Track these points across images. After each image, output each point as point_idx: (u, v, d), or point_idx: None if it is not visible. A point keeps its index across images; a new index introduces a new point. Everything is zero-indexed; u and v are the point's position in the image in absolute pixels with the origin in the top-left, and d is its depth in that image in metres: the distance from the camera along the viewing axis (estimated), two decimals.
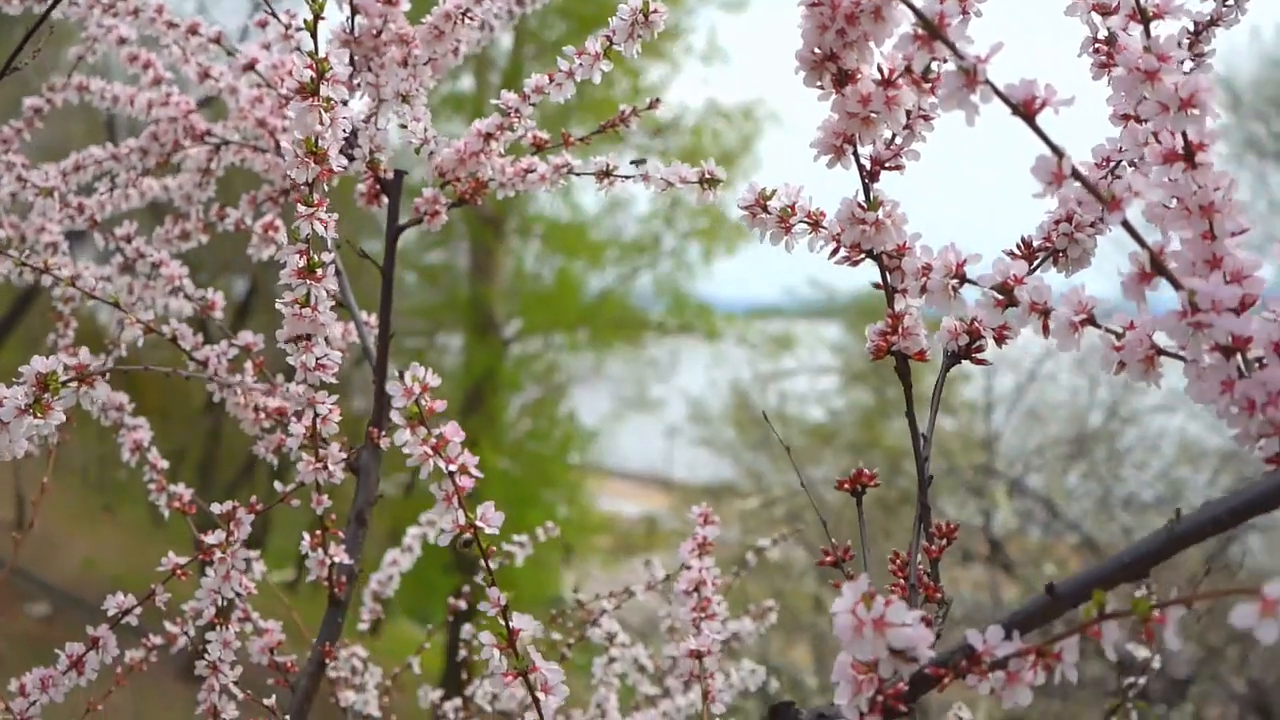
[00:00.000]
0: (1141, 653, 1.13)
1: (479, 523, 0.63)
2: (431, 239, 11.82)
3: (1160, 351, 0.54)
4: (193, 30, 1.10)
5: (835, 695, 0.54)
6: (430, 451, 0.62)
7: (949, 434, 8.58)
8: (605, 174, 0.95)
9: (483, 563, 0.63)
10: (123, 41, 1.19)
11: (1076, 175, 0.50)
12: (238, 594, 0.95)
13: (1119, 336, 0.55)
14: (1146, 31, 0.54)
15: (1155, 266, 0.51)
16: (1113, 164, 0.67)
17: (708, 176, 0.85)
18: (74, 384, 0.66)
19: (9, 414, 0.66)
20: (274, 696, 0.93)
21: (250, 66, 1.07)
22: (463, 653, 1.36)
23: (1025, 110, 0.50)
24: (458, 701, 1.35)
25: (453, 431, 0.62)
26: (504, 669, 0.65)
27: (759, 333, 11.36)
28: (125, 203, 1.31)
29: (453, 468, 0.62)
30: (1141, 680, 1.10)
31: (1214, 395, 0.51)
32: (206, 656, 0.90)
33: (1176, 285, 0.51)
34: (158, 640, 1.11)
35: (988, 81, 0.50)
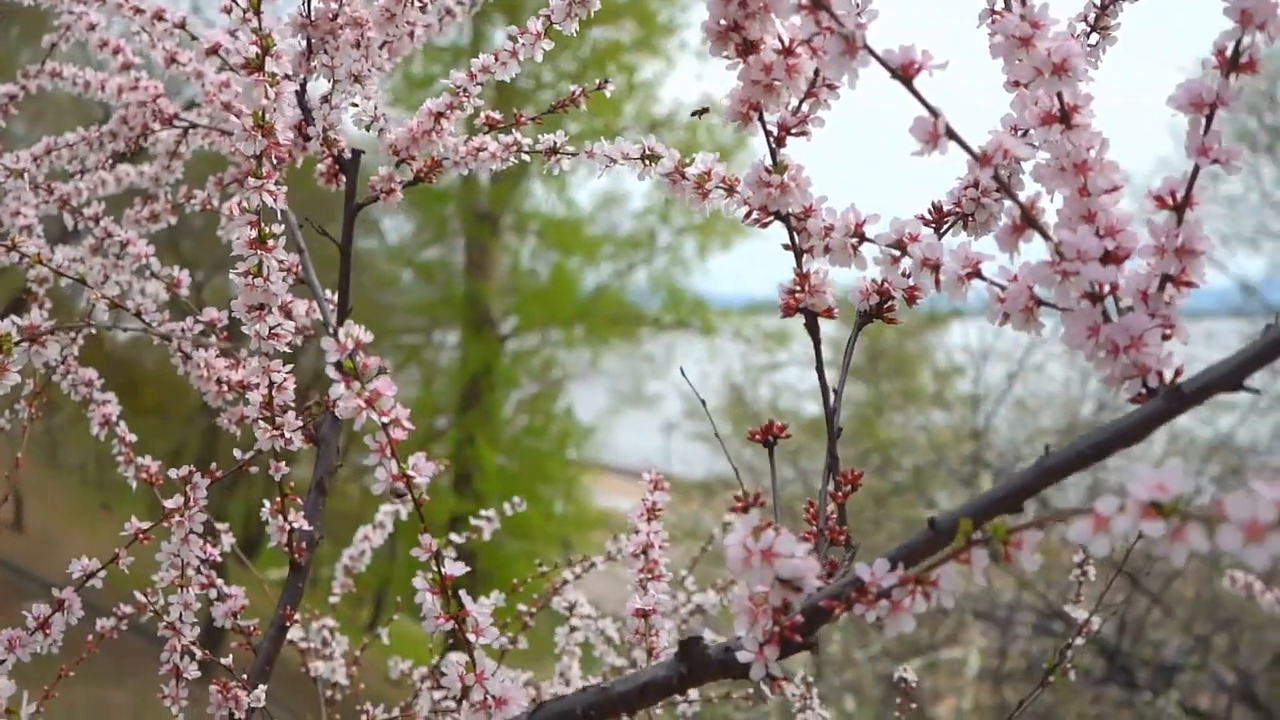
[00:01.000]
0: (1079, 614, 1.17)
1: (410, 472, 0.66)
2: (428, 236, 11.87)
3: (1040, 302, 0.57)
4: (158, 16, 1.13)
5: (734, 627, 0.57)
6: (364, 405, 0.65)
7: (941, 428, 8.64)
8: (553, 151, 0.98)
9: (415, 510, 0.67)
10: (93, 27, 1.22)
11: (951, 134, 0.54)
12: (202, 560, 0.99)
13: (1003, 289, 0.58)
14: (1023, 0, 0.57)
15: (1026, 219, 0.55)
16: (1019, 132, 0.71)
17: (648, 153, 0.88)
18: (25, 344, 0.70)
19: None
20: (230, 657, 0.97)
21: (214, 51, 1.10)
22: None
23: (903, 74, 0.54)
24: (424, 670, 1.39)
25: (385, 386, 0.66)
26: (437, 612, 0.68)
27: (755, 328, 11.41)
28: (102, 189, 1.34)
29: (386, 419, 0.65)
30: (1079, 641, 1.14)
31: (1082, 340, 0.54)
32: (167, 617, 0.94)
33: (1046, 236, 0.54)
34: (127, 609, 1.15)
35: (867, 47, 0.53)
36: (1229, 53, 0.55)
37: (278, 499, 0.99)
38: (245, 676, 0.95)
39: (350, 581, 1.44)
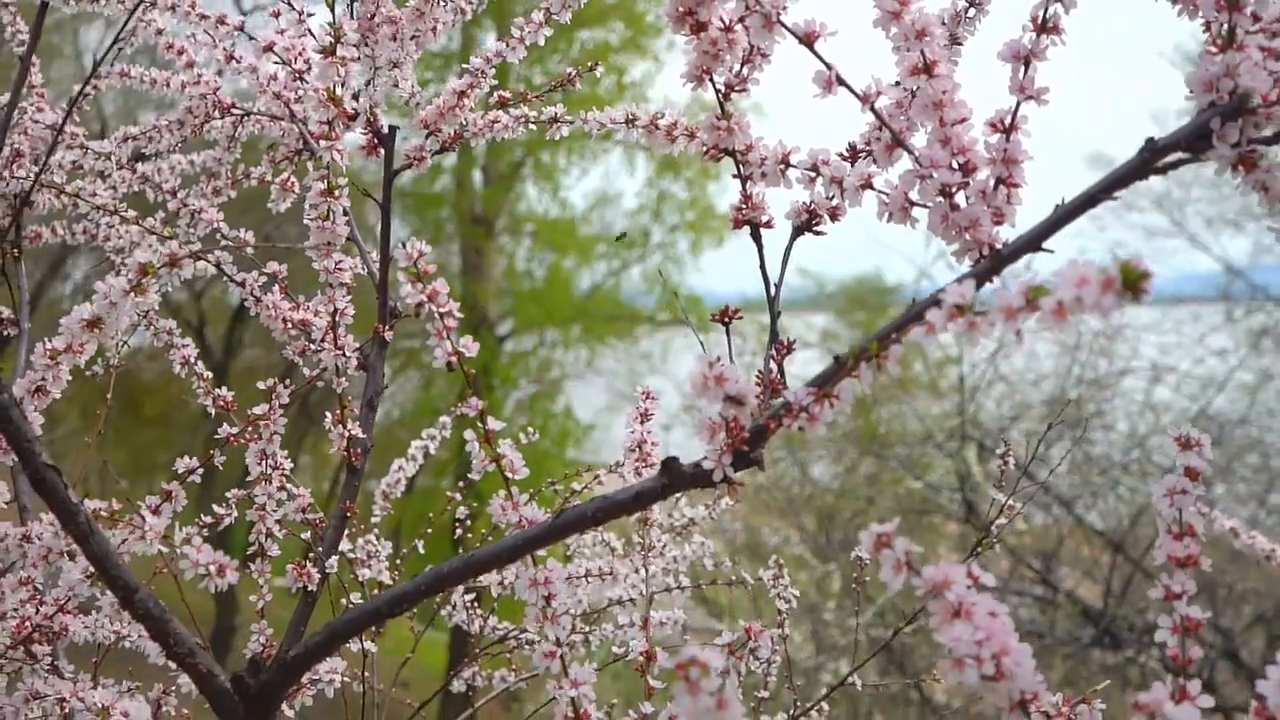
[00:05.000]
0: (998, 495, 1.39)
1: (461, 349, 0.88)
2: (424, 241, 12.09)
3: (912, 202, 0.80)
4: (221, 21, 1.35)
5: (698, 440, 0.79)
6: (427, 299, 0.87)
7: (936, 415, 8.88)
8: (554, 120, 1.21)
9: (464, 378, 0.89)
10: (160, 32, 1.44)
11: (840, 81, 0.76)
12: (274, 465, 1.21)
13: (887, 196, 0.81)
14: None
15: (895, 141, 0.77)
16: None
17: (630, 118, 1.11)
18: (167, 268, 0.92)
19: (117, 294, 0.92)
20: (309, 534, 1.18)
21: (269, 48, 1.32)
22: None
23: (807, 40, 0.76)
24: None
25: (441, 286, 0.88)
26: (483, 458, 0.90)
27: (751, 323, 11.62)
28: (157, 175, 1.57)
29: (442, 310, 0.87)
30: (1004, 521, 1.36)
31: (938, 225, 0.77)
32: (256, 501, 1.16)
33: (910, 152, 0.77)
34: (208, 519, 1.37)
35: (780, 21, 0.75)
36: (1040, 19, 0.77)
37: (338, 411, 1.21)
38: (319, 550, 1.17)
39: (389, 505, 1.66)
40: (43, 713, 1.04)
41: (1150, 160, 0.70)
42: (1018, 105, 0.77)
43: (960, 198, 0.78)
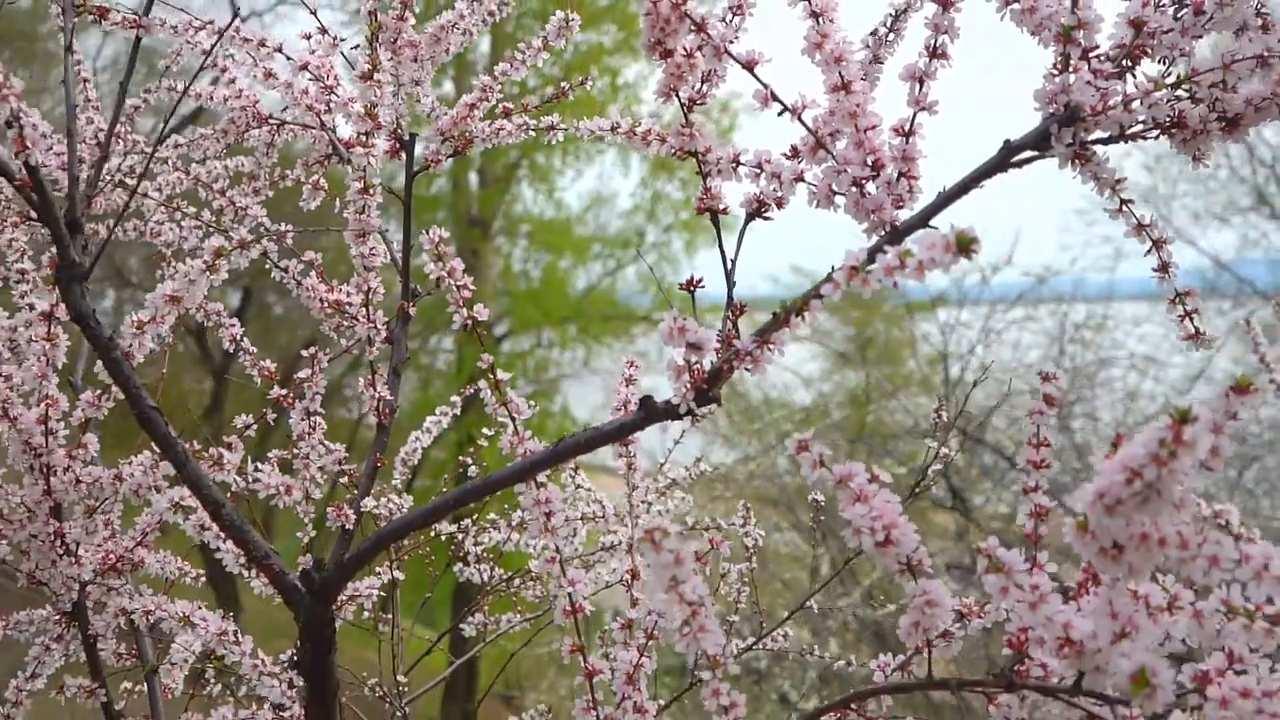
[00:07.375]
0: (932, 445, 1.60)
1: (475, 314, 1.10)
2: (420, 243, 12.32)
3: (834, 192, 1.01)
4: (262, 43, 1.56)
5: (667, 380, 1.01)
6: (446, 275, 1.09)
7: (928, 406, 9.10)
8: (552, 127, 1.42)
9: (476, 336, 1.10)
10: (206, 53, 1.65)
11: (774, 97, 0.97)
12: (314, 425, 1.42)
13: (814, 187, 1.02)
14: (813, 14, 1.00)
15: (818, 144, 0.98)
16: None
17: (615, 125, 1.32)
18: (238, 249, 1.13)
19: (196, 273, 1.13)
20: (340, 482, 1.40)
21: (304, 66, 1.53)
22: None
23: (748, 66, 0.97)
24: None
25: (458, 264, 1.09)
26: (493, 401, 1.12)
27: (747, 321, 11.82)
28: (205, 177, 1.78)
29: (459, 283, 1.09)
30: (939, 466, 1.56)
31: (853, 210, 0.98)
32: (300, 450, 1.37)
33: (829, 153, 0.98)
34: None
35: (727, 51, 0.97)
36: (932, 46, 0.98)
37: (369, 376, 1.43)
38: (355, 491, 1.38)
39: (408, 471, 1.88)
40: (130, 624, 1.24)
41: (1007, 157, 0.91)
42: (914, 115, 0.99)
43: (871, 187, 0.99)
